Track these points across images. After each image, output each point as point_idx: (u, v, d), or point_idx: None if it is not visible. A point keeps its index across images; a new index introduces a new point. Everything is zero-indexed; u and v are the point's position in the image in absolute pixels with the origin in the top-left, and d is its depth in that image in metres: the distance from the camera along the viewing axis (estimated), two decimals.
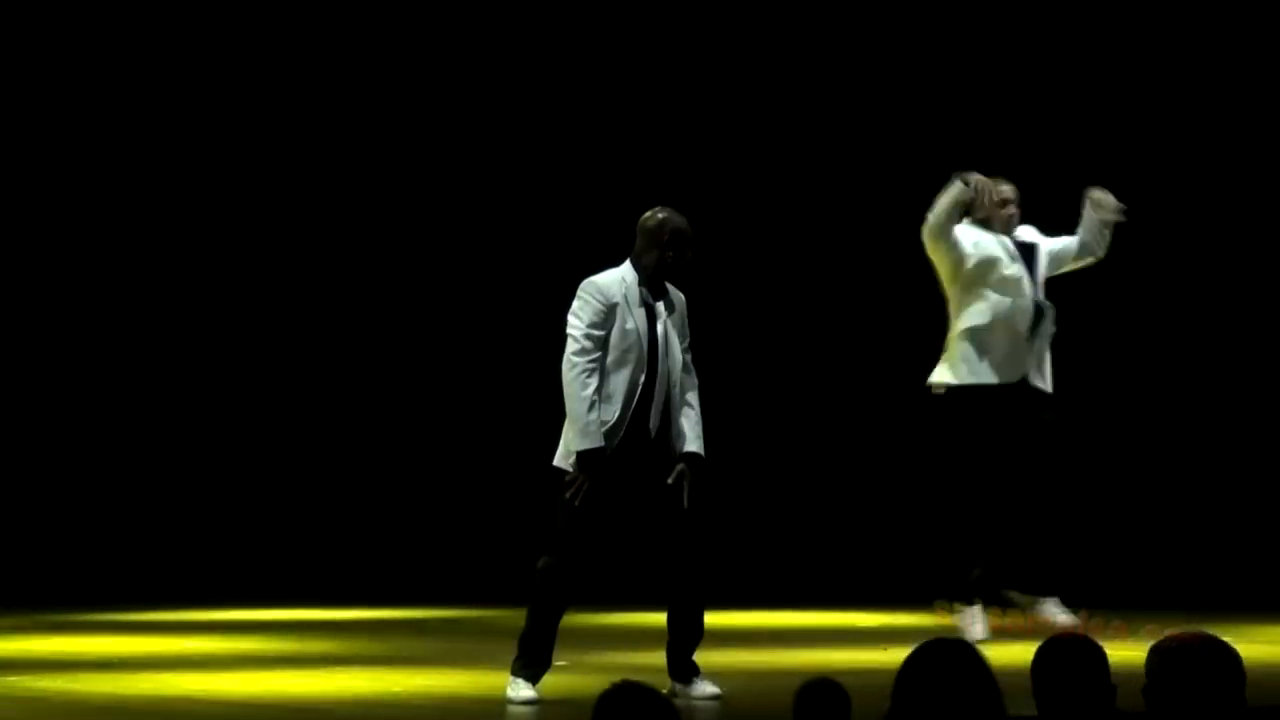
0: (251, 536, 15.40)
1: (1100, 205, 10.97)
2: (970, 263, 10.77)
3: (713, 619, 9.07)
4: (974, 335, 10.75)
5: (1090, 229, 11.05)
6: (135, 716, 8.76)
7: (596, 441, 8.76)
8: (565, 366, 8.86)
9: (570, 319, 8.91)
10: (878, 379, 15.60)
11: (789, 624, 12.64)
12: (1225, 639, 5.15)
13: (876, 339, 15.74)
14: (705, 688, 8.93)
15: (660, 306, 8.96)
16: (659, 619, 9.23)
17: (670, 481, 8.88)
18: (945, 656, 5.18)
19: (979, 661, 5.14)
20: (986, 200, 10.78)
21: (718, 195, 15.79)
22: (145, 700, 9.27)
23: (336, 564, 15.29)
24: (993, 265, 10.79)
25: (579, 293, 8.94)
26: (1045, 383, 10.82)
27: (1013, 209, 10.88)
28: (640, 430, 8.86)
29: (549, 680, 8.94)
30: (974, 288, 10.78)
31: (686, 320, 9.09)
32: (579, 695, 8.29)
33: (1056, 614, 10.33)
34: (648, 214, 9.04)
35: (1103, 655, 5.14)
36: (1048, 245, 11.08)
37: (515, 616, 9.07)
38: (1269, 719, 5.97)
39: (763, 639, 11.28)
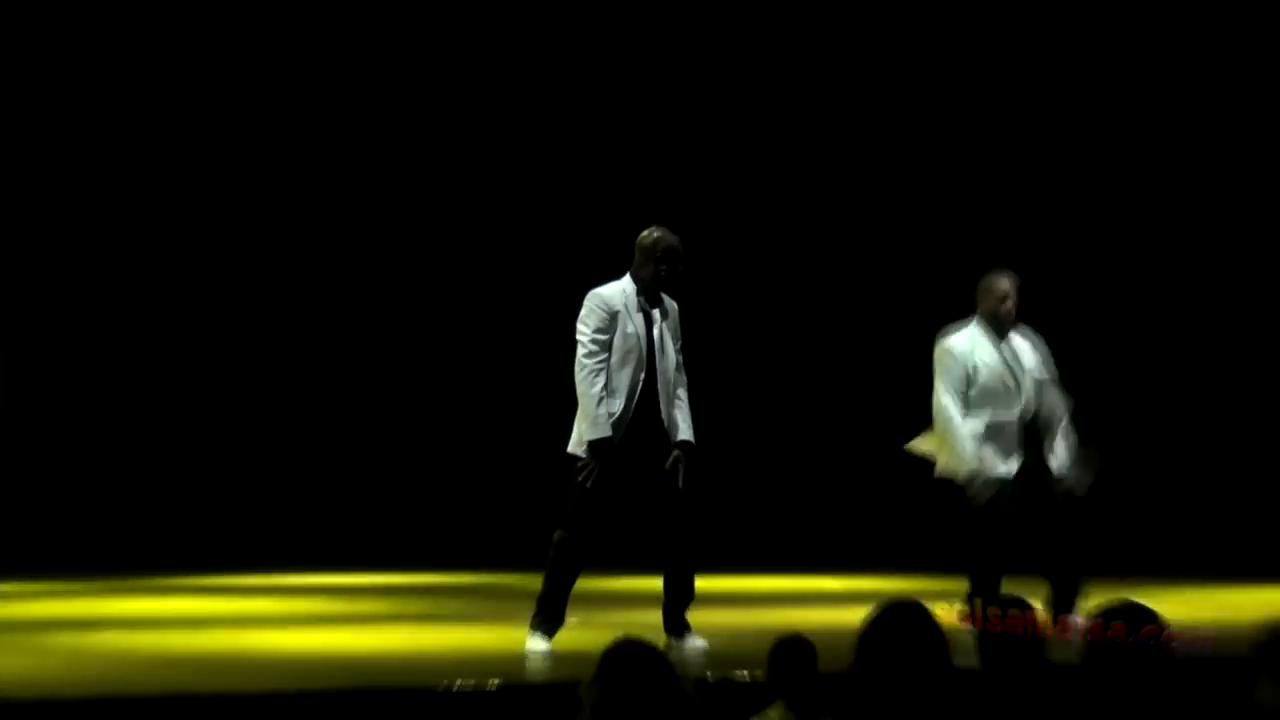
0: (312, 510, 15.29)
1: (1080, 473, 10.00)
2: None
3: (700, 583, 9.10)
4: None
5: (1070, 459, 10.04)
6: (211, 668, 8.72)
7: (605, 432, 8.89)
8: (576, 368, 8.95)
9: (579, 326, 9.01)
10: (846, 361, 15.53)
11: (766, 587, 12.62)
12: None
13: (847, 323, 15.59)
14: (695, 642, 8.99)
15: (656, 314, 9.10)
16: (656, 583, 9.27)
17: (667, 466, 8.96)
18: (901, 616, 5.18)
19: (930, 620, 5.14)
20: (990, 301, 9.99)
21: (714, 198, 15.74)
22: (220, 653, 9.27)
23: (385, 534, 15.20)
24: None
25: (585, 303, 9.04)
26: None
27: (1010, 304, 9.97)
28: (641, 421, 8.96)
29: (562, 635, 8.97)
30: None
31: (679, 326, 9.14)
32: (588, 649, 8.27)
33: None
34: (644, 233, 9.14)
35: (933, 620, 5.06)
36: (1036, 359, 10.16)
37: (534, 581, 9.09)
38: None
39: (743, 601, 11.25)
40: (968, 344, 9.91)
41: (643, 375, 8.98)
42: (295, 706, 7.58)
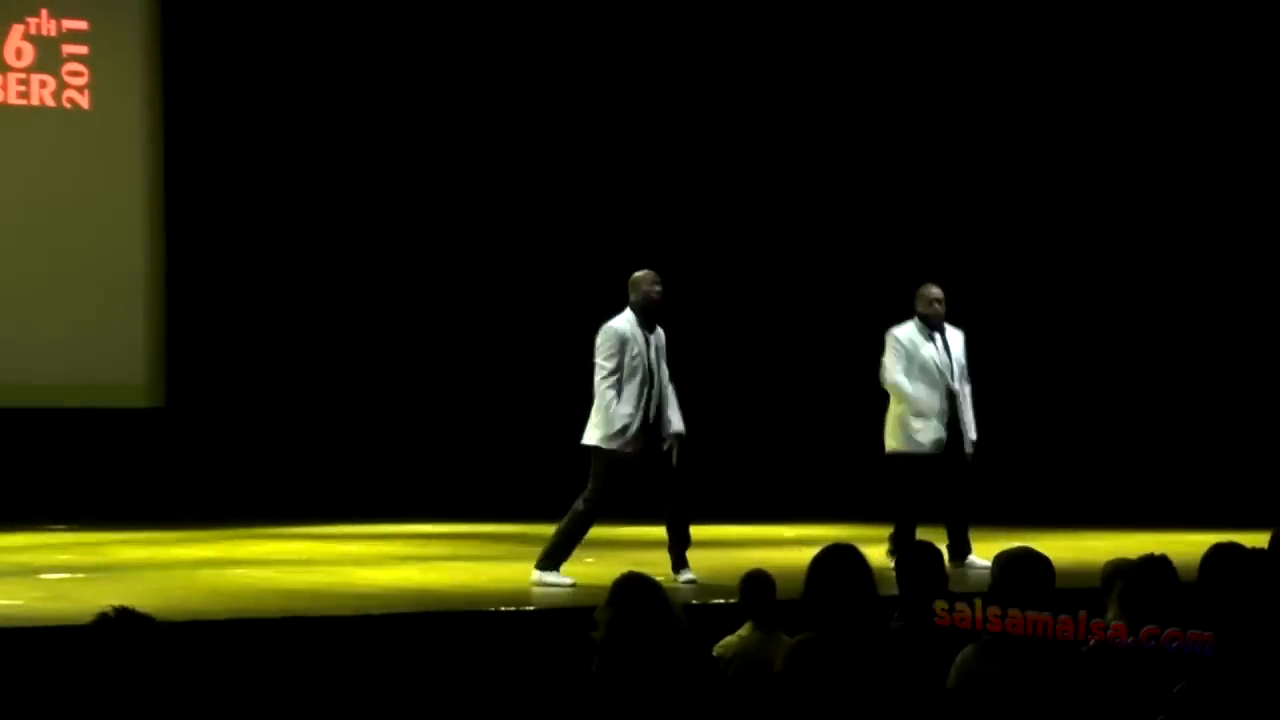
0: (394, 469, 14.92)
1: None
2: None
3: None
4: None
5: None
6: (313, 597, 8.75)
7: (616, 431, 9.13)
8: (598, 386, 9.16)
9: (597, 355, 9.26)
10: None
11: (736, 534, 12.58)
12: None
13: (808, 309, 15.13)
14: (687, 575, 9.06)
15: (652, 338, 9.22)
16: (657, 532, 9.32)
17: (665, 450, 9.21)
18: (839, 556, 5.22)
19: (861, 559, 5.19)
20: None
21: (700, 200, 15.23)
22: (324, 586, 9.29)
23: (448, 490, 14.75)
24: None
25: (600, 336, 9.28)
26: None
27: (939, 307, 10.24)
28: (645, 419, 9.15)
29: (580, 570, 9.04)
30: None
31: (664, 347, 9.34)
32: (602, 581, 8.31)
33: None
34: (633, 276, 9.33)
35: (864, 559, 5.09)
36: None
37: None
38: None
39: (719, 544, 11.23)
40: (910, 335, 10.16)
41: (647, 385, 9.13)
42: (379, 626, 7.64)
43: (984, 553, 9.77)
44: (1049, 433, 14.69)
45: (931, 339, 10.25)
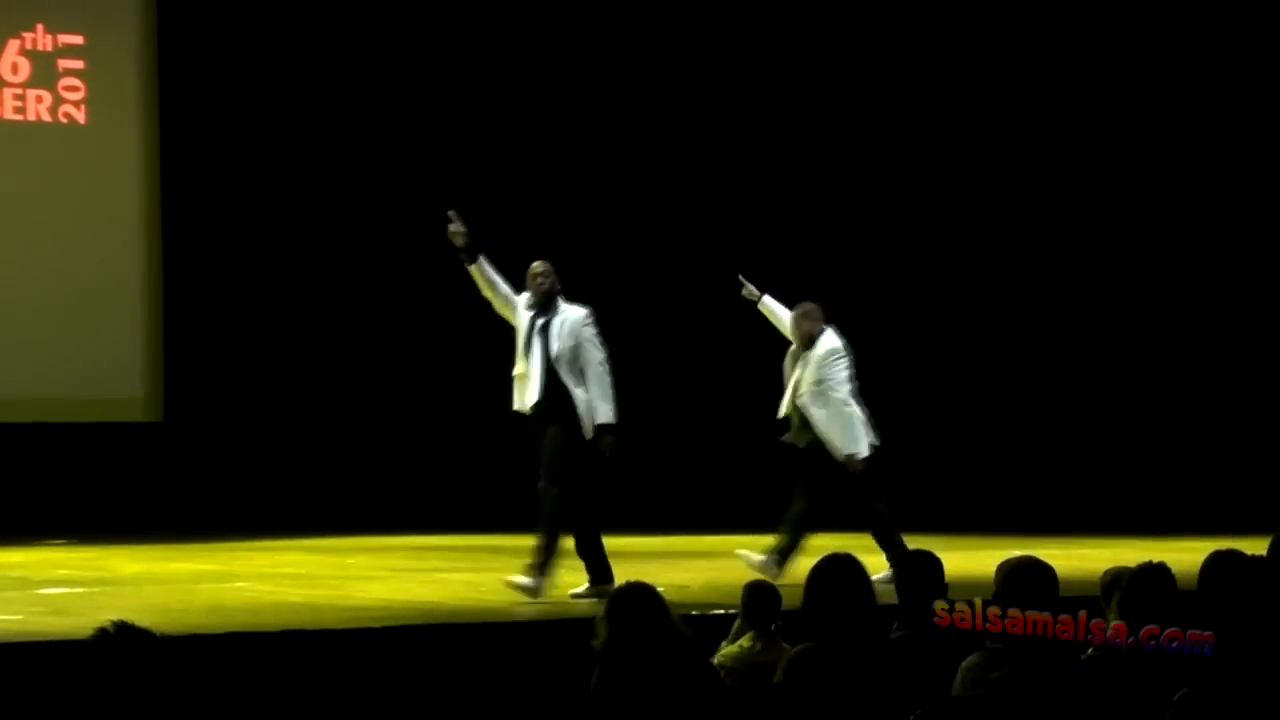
0: (392, 482, 14.98)
1: None
2: None
3: (685, 541, 9.09)
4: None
5: None
6: (313, 610, 8.74)
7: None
8: (604, 366, 9.01)
9: (597, 338, 9.03)
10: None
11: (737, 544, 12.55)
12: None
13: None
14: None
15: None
16: (661, 542, 9.24)
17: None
18: (837, 566, 5.21)
19: (859, 569, 5.18)
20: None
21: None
22: (317, 600, 9.27)
23: (450, 502, 14.73)
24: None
25: (591, 320, 9.08)
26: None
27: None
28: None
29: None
30: None
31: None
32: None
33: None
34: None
35: (862, 569, 5.10)
36: None
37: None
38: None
39: (719, 555, 11.18)
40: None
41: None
42: (378, 640, 7.62)
43: (986, 562, 9.75)
44: (1048, 441, 14.68)
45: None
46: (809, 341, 10.02)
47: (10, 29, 14.02)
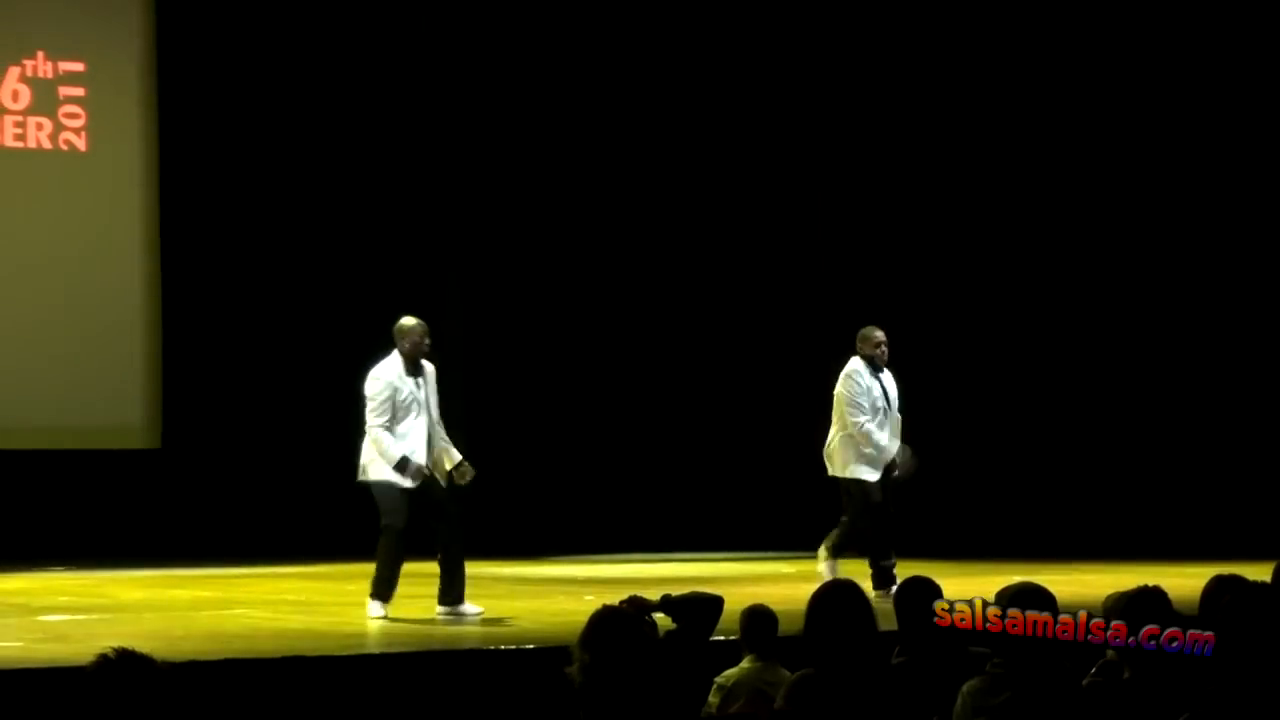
0: None
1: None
2: None
3: (686, 567, 9.07)
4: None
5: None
6: (313, 637, 8.73)
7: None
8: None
9: None
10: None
11: (737, 571, 12.53)
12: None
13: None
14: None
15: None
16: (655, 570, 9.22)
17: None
18: (838, 591, 5.22)
19: (860, 595, 5.19)
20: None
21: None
22: (317, 626, 9.25)
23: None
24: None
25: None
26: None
27: (883, 350, 10.74)
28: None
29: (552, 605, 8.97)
30: None
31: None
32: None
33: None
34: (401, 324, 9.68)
35: (863, 595, 5.12)
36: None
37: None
38: None
39: (717, 581, 11.19)
40: (861, 368, 10.62)
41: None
42: (379, 666, 7.62)
43: (986, 588, 9.75)
44: (1049, 466, 14.67)
45: (877, 379, 10.68)
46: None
47: (11, 56, 14.05)
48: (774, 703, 5.25)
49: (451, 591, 9.29)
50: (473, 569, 10.76)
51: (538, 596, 10.07)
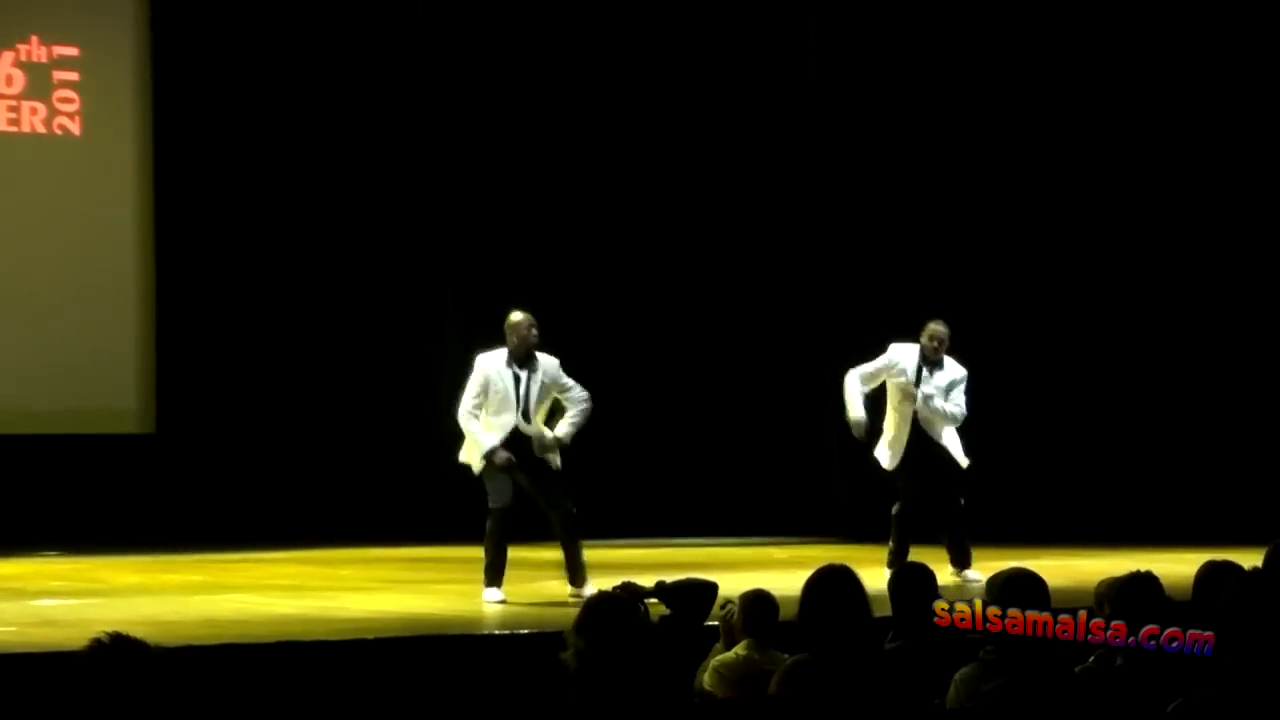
0: (383, 492, 14.92)
1: None
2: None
3: (684, 552, 9.07)
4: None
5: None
6: (306, 622, 8.72)
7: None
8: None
9: None
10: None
11: (734, 556, 12.54)
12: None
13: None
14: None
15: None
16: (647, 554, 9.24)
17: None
18: (834, 577, 5.21)
19: (855, 580, 5.19)
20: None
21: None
22: (311, 611, 9.25)
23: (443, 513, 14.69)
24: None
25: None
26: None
27: (942, 346, 10.68)
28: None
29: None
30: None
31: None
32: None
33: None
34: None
35: (858, 581, 5.12)
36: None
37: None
38: None
39: (716, 566, 11.20)
40: (898, 356, 10.63)
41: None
42: (372, 651, 7.61)
43: (980, 574, 9.77)
44: (1042, 452, 14.68)
45: (922, 367, 10.64)
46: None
47: (4, 40, 14.01)
48: (769, 687, 5.24)
49: (575, 575, 9.44)
50: (468, 554, 10.80)
51: (532, 581, 10.06)
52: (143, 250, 14.49)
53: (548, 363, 9.67)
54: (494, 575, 9.45)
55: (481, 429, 9.54)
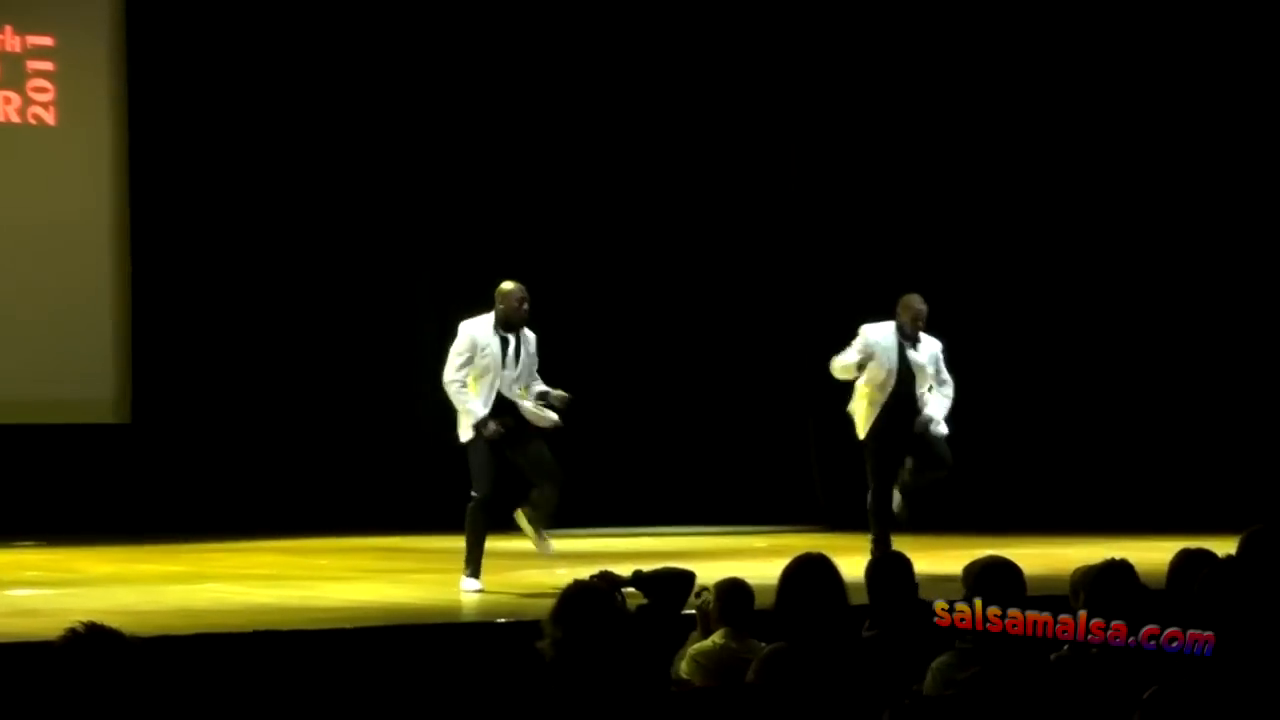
0: (359, 482, 14.94)
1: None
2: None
3: (662, 541, 9.08)
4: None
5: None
6: (283, 612, 8.71)
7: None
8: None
9: None
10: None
11: (710, 545, 12.56)
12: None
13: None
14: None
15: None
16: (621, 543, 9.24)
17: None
18: (810, 565, 5.22)
19: (832, 568, 5.20)
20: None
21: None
22: (288, 600, 9.24)
23: (421, 503, 14.72)
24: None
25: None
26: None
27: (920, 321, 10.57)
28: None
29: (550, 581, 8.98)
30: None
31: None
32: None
33: None
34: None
35: (835, 569, 5.13)
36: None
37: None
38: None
39: (691, 555, 11.22)
40: (876, 336, 10.47)
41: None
42: (350, 641, 7.60)
43: (955, 562, 9.76)
44: (1019, 440, 14.72)
45: (901, 345, 10.52)
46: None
47: None
48: (746, 676, 5.25)
49: (542, 522, 9.44)
50: (446, 544, 10.83)
51: (509, 570, 10.05)
52: (118, 239, 14.45)
53: (530, 337, 9.63)
54: (473, 565, 9.42)
55: (471, 398, 9.45)
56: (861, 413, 10.56)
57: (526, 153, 15.17)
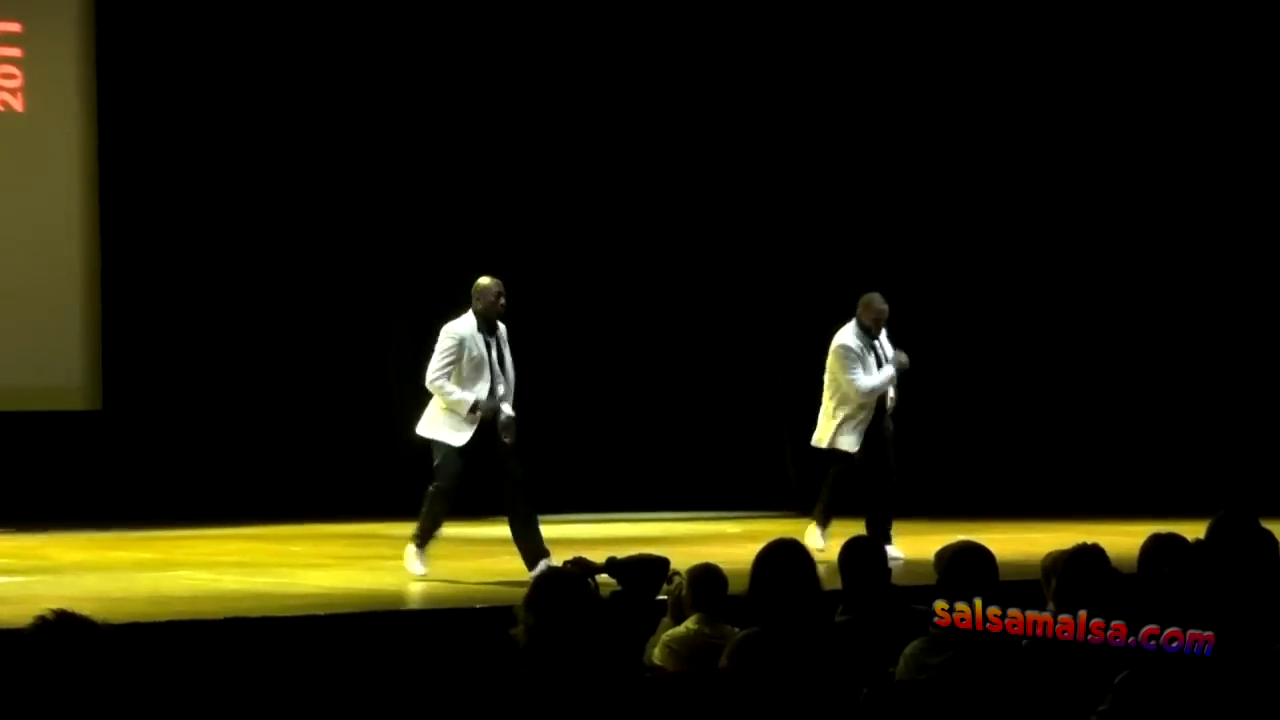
0: (333, 468, 14.89)
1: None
2: None
3: (637, 527, 9.09)
4: None
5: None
6: (256, 598, 8.70)
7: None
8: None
9: None
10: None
11: (683, 530, 12.57)
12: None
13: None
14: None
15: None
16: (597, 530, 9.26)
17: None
18: (784, 549, 5.24)
19: (805, 554, 5.22)
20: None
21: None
22: (261, 587, 9.23)
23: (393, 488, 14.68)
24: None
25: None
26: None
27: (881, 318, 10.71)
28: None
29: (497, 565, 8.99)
30: None
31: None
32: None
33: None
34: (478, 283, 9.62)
35: (807, 554, 5.16)
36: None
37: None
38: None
39: (666, 541, 11.23)
40: (855, 341, 10.57)
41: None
42: (324, 628, 7.60)
43: (928, 547, 9.79)
44: (989, 425, 14.76)
45: (872, 345, 10.64)
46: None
47: None
48: (719, 661, 5.26)
49: (534, 555, 9.21)
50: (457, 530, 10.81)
51: (483, 557, 10.06)
52: (88, 225, 14.39)
53: (504, 332, 9.62)
54: (424, 539, 9.44)
55: (458, 390, 9.37)
56: (851, 428, 10.52)
57: (493, 142, 15.13)
